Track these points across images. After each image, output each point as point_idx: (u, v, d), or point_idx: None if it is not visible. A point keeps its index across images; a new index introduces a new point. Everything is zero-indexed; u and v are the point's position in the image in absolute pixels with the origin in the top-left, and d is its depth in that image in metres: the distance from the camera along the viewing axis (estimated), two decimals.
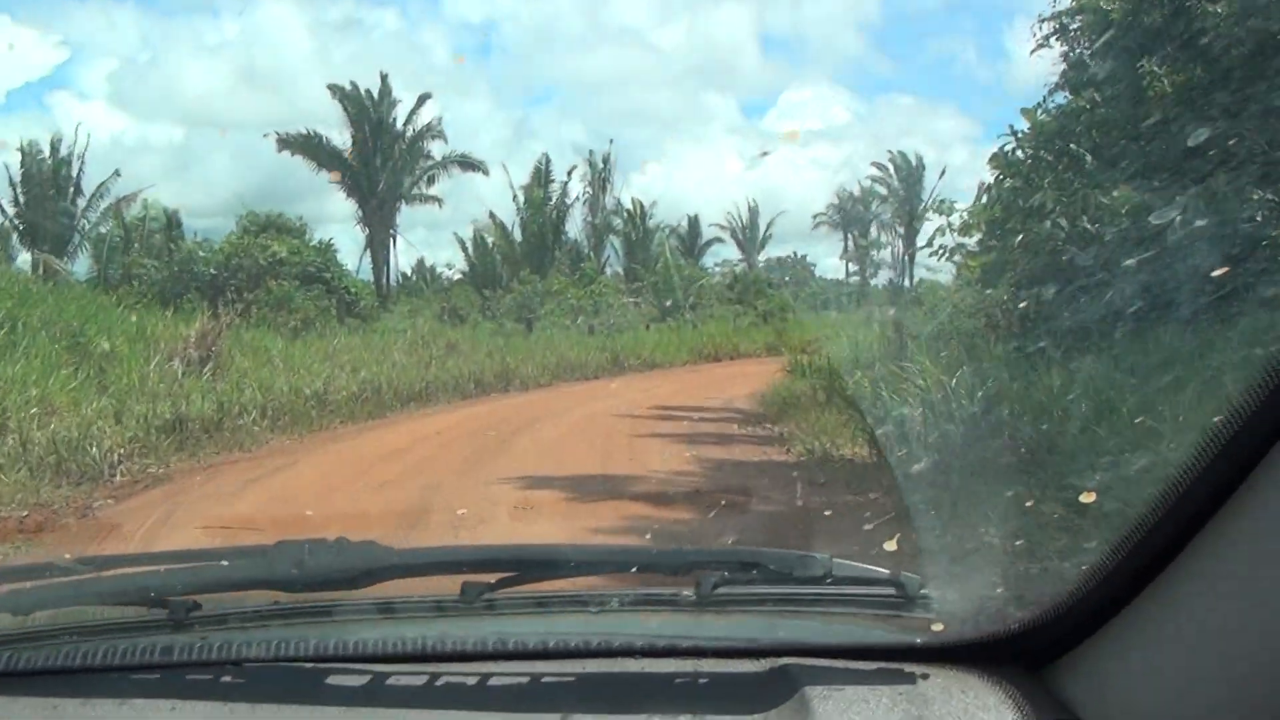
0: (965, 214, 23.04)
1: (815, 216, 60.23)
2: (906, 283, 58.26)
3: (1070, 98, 13.40)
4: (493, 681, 1.56)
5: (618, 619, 1.80)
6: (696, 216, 57.82)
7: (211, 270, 25.23)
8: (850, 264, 56.81)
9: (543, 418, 13.87)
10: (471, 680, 1.56)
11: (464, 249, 48.86)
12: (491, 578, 1.79)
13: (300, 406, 15.01)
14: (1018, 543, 5.40)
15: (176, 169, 51.99)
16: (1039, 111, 18.04)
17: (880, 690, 1.45)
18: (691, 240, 56.19)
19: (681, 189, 72.76)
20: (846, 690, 1.44)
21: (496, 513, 7.80)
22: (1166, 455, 5.00)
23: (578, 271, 43.47)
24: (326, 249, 28.71)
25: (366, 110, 48.73)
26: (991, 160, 25.00)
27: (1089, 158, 14.20)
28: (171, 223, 33.21)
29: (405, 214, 68.36)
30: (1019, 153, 20.51)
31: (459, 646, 1.61)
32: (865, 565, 1.89)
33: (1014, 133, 21.14)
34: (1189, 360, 6.53)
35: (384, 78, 49.47)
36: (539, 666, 1.58)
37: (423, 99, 48.82)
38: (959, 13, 76.47)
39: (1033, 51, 15.35)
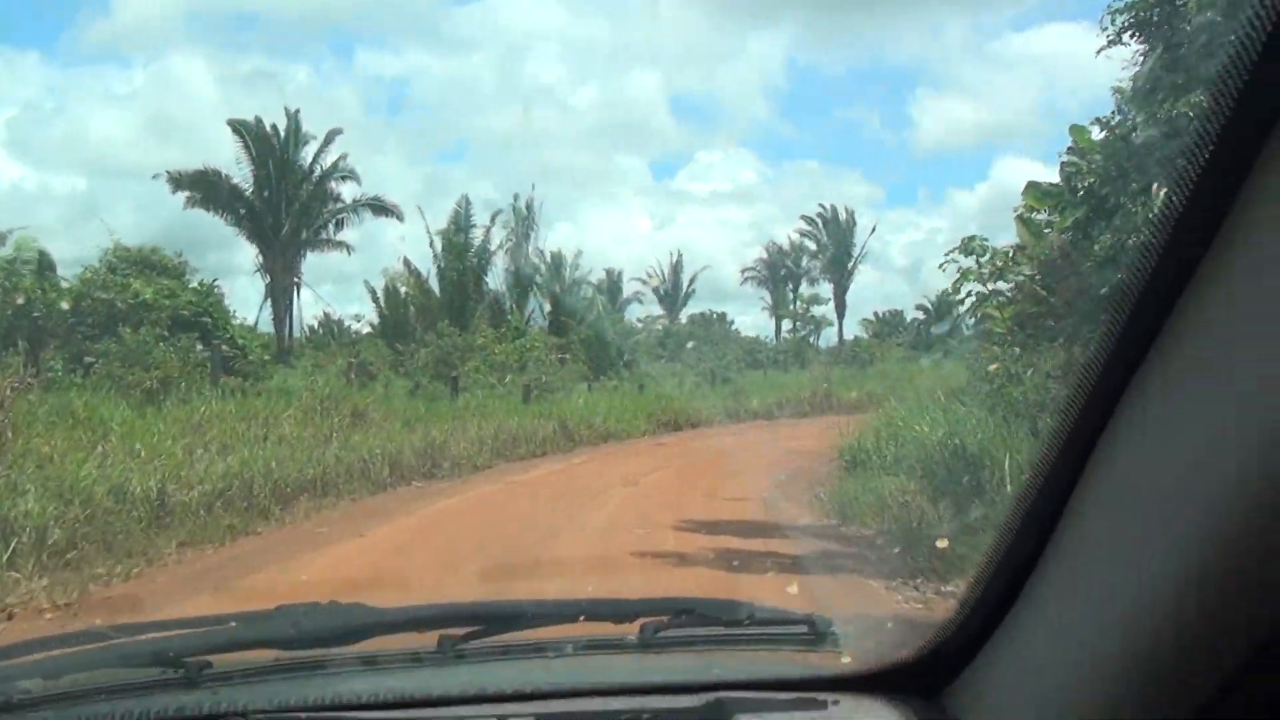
0: (1006, 254, 17.61)
1: (744, 271, 55.67)
2: (836, 338, 54.02)
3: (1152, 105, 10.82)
4: None
5: (573, 663, 1.92)
6: (620, 272, 53.28)
7: (40, 314, 18.68)
8: (788, 319, 52.02)
9: (515, 555, 7.75)
10: None
11: (374, 299, 42.53)
12: (462, 631, 1.92)
13: (119, 522, 9.03)
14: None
15: (77, 218, 49.24)
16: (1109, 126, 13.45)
17: (797, 717, 1.59)
18: (612, 295, 51.51)
19: (594, 248, 68.19)
20: (770, 717, 1.59)
21: None
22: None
23: (502, 324, 37.66)
24: (208, 292, 22.41)
25: (271, 147, 42.43)
26: (1028, 192, 19.19)
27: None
28: (44, 264, 26.61)
29: (313, 264, 61.79)
30: (1083, 179, 15.57)
31: (436, 693, 1.75)
32: (782, 608, 2.18)
33: (1077, 151, 16.24)
34: None
35: (292, 115, 43.33)
36: (506, 709, 1.67)
37: (332, 135, 42.62)
38: (864, 82, 75.50)
39: (1100, 51, 12.70)
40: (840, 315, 53.35)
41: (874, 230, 54.92)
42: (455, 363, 31.04)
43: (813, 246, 53.87)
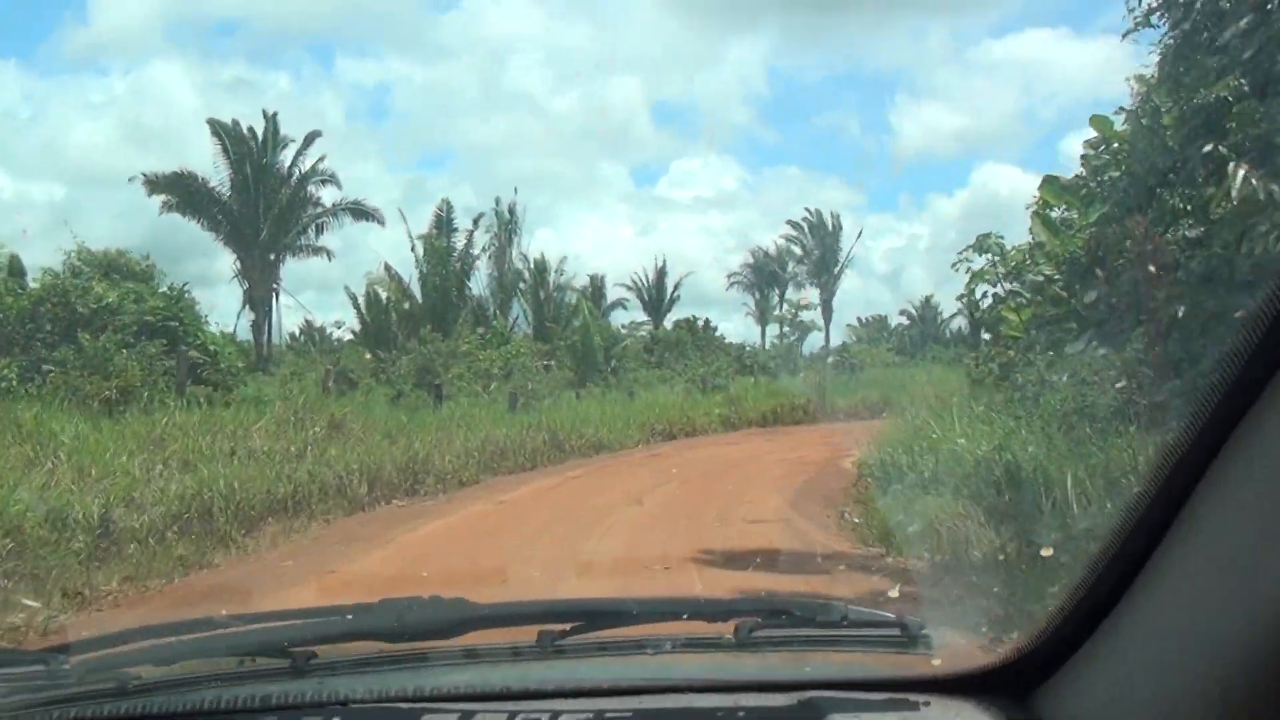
0: (1024, 251, 16.55)
1: (730, 276, 54.50)
2: (824, 342, 52.93)
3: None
4: (564, 718, 1.62)
5: (669, 660, 1.93)
6: (603, 277, 52.11)
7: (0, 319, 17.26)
8: (776, 324, 50.89)
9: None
10: (545, 717, 1.62)
11: (356, 305, 41.10)
12: (562, 627, 1.93)
13: (54, 555, 7.74)
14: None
15: (56, 226, 48.28)
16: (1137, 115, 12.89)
17: (889, 717, 1.59)
18: (596, 301, 50.34)
19: (576, 255, 67.46)
20: (863, 717, 1.59)
21: None
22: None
23: (487, 331, 36.35)
24: (178, 296, 20.99)
25: (248, 150, 40.97)
26: (1045, 186, 18.07)
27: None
28: (14, 269, 25.18)
29: (294, 271, 60.73)
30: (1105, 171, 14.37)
31: (535, 687, 1.75)
32: (875, 610, 2.16)
33: (1094, 144, 15.11)
34: None
35: (270, 117, 41.88)
36: (603, 704, 1.66)
37: (311, 138, 41.20)
38: (843, 88, 75.03)
39: (1126, 34, 12.35)
40: (827, 321, 52.39)
41: (860, 235, 53.94)
42: (439, 370, 29.74)
43: (799, 251, 52.83)
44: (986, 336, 16.87)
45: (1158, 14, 13.73)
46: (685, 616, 2.03)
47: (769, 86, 71.41)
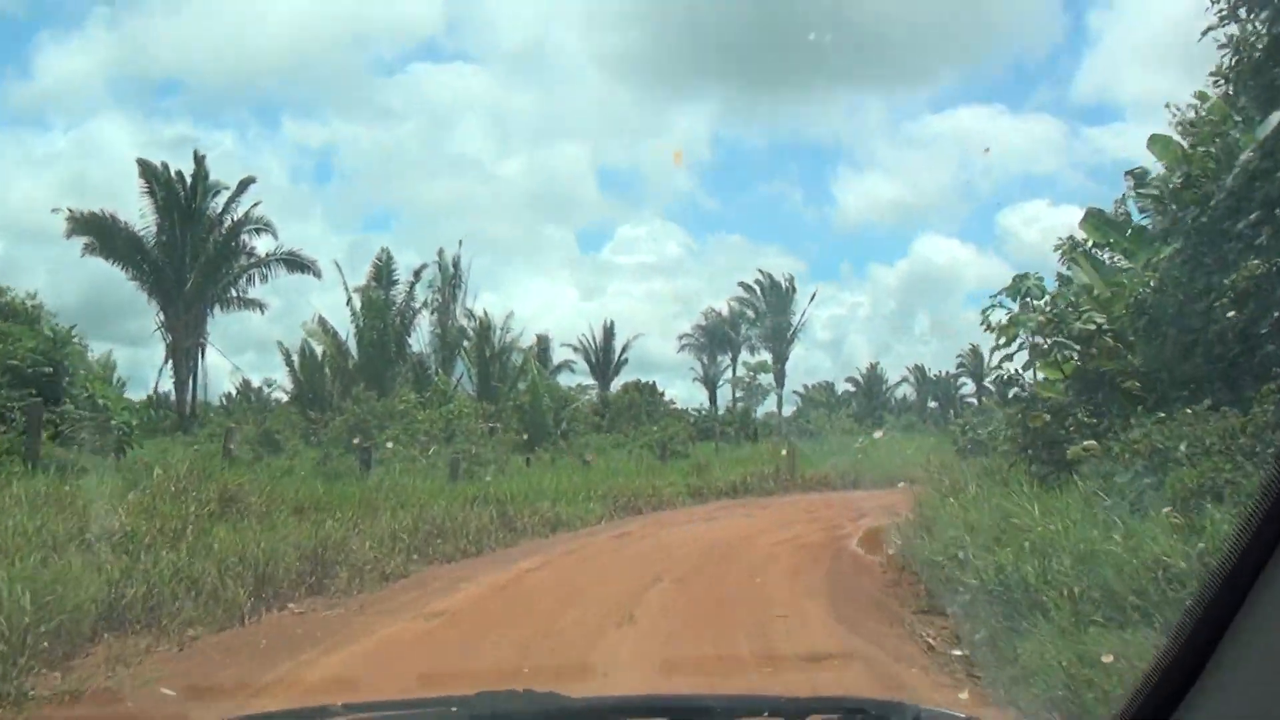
0: (1066, 298, 13.68)
1: (681, 338, 51.73)
2: (776, 408, 50.24)
3: None
4: None
5: None
6: (549, 338, 49.19)
7: None
8: (730, 387, 48.11)
9: None
10: None
11: (288, 361, 37.48)
12: None
13: None
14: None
15: None
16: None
17: None
18: (543, 362, 47.30)
19: (520, 318, 65.09)
20: None
21: None
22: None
23: (426, 389, 33.02)
24: (63, 340, 17.52)
25: (177, 195, 37.49)
26: (1088, 222, 14.60)
27: None
28: None
29: (230, 329, 56.98)
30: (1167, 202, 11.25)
31: None
32: (947, 709, 2.22)
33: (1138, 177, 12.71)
34: None
35: (200, 160, 38.47)
36: None
37: (246, 183, 37.87)
38: (785, 158, 74.29)
39: (1208, 31, 11.56)
40: (780, 384, 49.77)
41: (814, 297, 51.50)
42: (372, 431, 26.31)
43: (751, 315, 50.34)
44: (1013, 394, 14.10)
45: (1244, 7, 11.46)
46: (766, 714, 2.09)
47: (713, 154, 70.74)
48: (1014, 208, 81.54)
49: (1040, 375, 13.52)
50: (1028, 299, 13.17)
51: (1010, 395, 14.10)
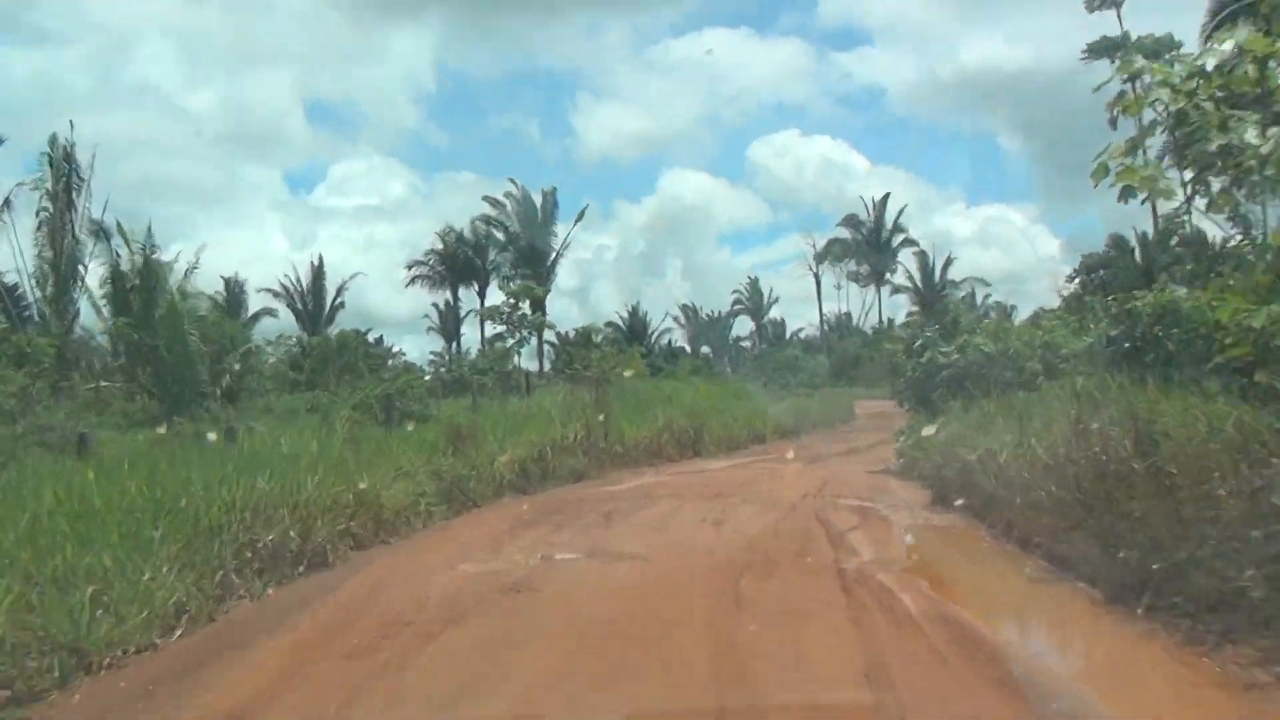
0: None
1: (411, 267, 39.08)
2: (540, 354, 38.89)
3: None
4: None
5: None
6: (242, 282, 35.86)
7: None
8: (481, 321, 35.99)
9: None
10: None
11: None
12: None
13: None
14: None
15: None
16: None
17: None
18: (234, 313, 34.11)
19: (216, 273, 50.38)
20: None
21: None
22: None
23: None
24: None
25: None
26: None
27: None
28: None
29: None
30: None
31: None
32: None
33: None
34: None
35: None
36: None
37: None
38: (520, 87, 64.52)
39: None
40: (540, 331, 38.07)
41: (583, 214, 40.23)
42: None
43: (501, 236, 38.41)
44: None
45: None
46: None
47: (438, 84, 60.19)
48: (764, 139, 74.47)
49: None
50: None
51: None
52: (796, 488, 12.70)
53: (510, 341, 27.07)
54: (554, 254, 37.36)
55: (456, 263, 37.63)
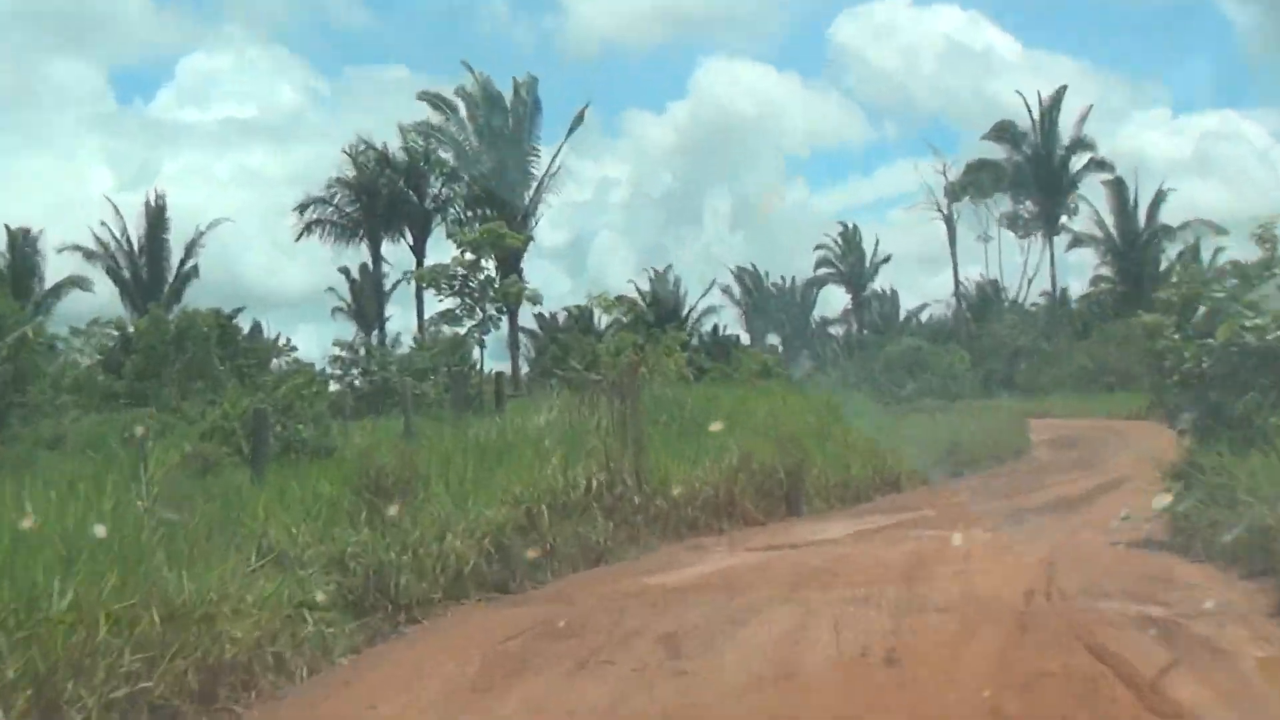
0: None
1: (304, 208, 37.95)
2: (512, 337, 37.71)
3: None
4: None
5: None
6: (38, 235, 41.34)
7: None
8: (417, 285, 34.88)
9: None
10: None
11: None
12: None
13: None
14: None
15: None
16: None
17: None
18: (19, 278, 37.36)
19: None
20: None
21: None
22: None
23: None
24: None
25: None
26: None
27: None
28: None
29: None
30: None
31: None
32: None
33: None
34: None
35: None
36: None
37: None
38: None
39: None
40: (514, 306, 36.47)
41: (581, 116, 39.06)
42: None
43: (450, 158, 36.98)
44: None
45: None
46: None
47: None
48: (855, 9, 75.85)
49: None
50: None
51: None
52: (1006, 578, 11.78)
53: (468, 324, 25.73)
54: (535, 184, 35.76)
55: (378, 200, 36.24)
